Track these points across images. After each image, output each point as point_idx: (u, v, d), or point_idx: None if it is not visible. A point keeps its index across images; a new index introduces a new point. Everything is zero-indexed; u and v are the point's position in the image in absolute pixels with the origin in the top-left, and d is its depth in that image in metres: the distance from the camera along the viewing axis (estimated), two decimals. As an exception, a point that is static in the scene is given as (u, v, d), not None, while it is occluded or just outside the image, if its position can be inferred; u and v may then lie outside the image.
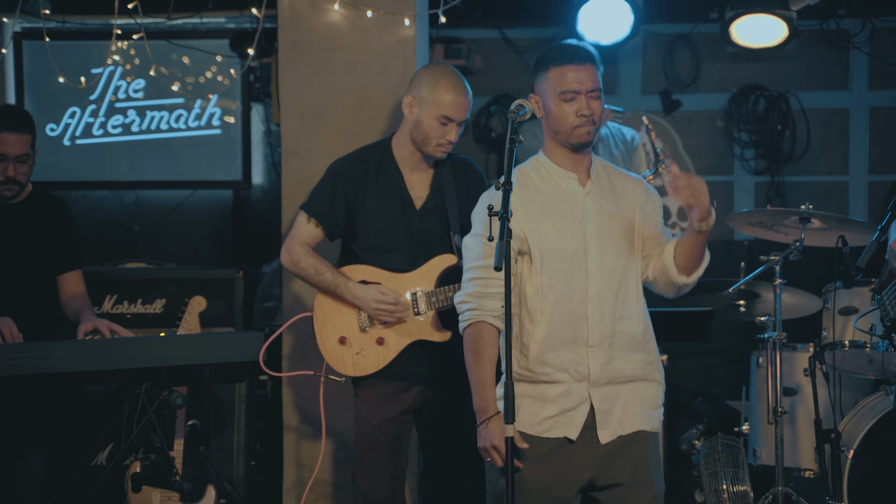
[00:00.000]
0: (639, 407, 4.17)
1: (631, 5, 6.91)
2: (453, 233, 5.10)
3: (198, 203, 8.13)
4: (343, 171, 5.19)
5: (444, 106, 4.96)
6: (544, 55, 4.25)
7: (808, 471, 6.02)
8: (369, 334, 5.07)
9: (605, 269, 4.14)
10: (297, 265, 5.14)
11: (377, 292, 4.99)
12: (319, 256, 5.13)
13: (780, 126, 7.94)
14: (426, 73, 5.08)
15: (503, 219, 3.79)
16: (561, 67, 4.16)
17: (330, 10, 6.27)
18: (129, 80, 7.69)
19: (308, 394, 6.23)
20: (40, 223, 5.44)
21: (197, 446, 5.60)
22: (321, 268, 5.09)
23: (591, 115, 4.13)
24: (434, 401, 5.15)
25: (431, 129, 5.01)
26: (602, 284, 4.13)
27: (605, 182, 4.26)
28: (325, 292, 5.13)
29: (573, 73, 4.14)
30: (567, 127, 4.15)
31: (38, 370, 4.72)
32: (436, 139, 5.02)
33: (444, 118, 4.97)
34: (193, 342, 5.07)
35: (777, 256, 5.66)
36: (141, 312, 6.33)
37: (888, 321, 5.10)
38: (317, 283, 5.12)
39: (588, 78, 4.14)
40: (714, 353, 7.48)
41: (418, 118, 5.02)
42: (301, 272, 5.15)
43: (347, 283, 5.05)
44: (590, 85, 4.14)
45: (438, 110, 4.97)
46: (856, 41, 7.82)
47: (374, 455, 5.13)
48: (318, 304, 5.16)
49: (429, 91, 4.99)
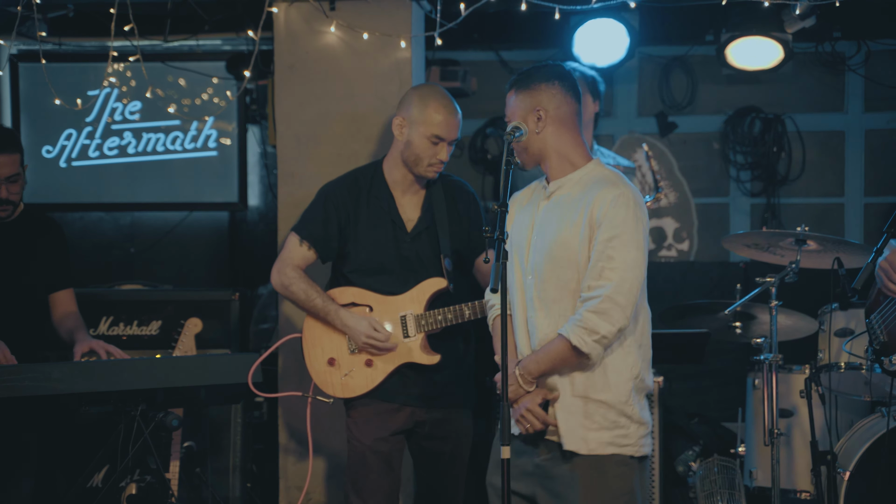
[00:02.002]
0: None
1: (627, 28, 6.93)
2: (444, 256, 5.10)
3: (194, 225, 8.13)
4: (334, 194, 5.19)
5: (435, 125, 4.96)
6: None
7: (805, 492, 6.00)
8: (358, 356, 5.06)
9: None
10: (288, 289, 5.13)
11: (369, 327, 4.99)
12: (310, 281, 5.12)
13: (775, 148, 7.95)
14: (415, 93, 5.08)
15: (499, 241, 3.79)
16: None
17: (326, 33, 6.29)
18: (125, 102, 7.69)
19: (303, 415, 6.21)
20: (32, 242, 5.44)
21: (193, 468, 5.59)
22: (311, 293, 5.08)
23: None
24: (426, 421, 5.15)
25: (422, 149, 5.01)
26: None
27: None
28: (314, 318, 5.12)
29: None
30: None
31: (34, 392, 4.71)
32: (427, 159, 5.02)
33: (435, 137, 4.97)
34: (189, 364, 5.06)
35: (773, 278, 5.67)
36: (137, 334, 6.33)
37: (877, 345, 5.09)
38: (307, 308, 5.12)
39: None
40: (710, 374, 7.47)
41: (409, 138, 5.02)
42: (291, 296, 5.14)
43: (338, 311, 5.04)
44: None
45: (429, 130, 4.97)
46: (851, 63, 7.83)
47: (367, 475, 5.12)
48: (308, 326, 5.16)
49: (418, 111, 4.99)
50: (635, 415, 4.18)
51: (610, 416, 4.15)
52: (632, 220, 4.10)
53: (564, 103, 4.26)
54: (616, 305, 4.04)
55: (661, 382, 5.98)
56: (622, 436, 4.17)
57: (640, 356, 4.22)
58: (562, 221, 4.17)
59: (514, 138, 4.09)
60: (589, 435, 4.14)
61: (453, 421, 5.19)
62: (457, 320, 5.02)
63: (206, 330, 5.62)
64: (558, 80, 4.28)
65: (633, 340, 4.20)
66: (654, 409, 5.93)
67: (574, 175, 4.24)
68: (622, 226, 4.09)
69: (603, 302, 4.04)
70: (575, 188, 4.22)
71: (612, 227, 4.08)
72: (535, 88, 4.25)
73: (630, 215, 4.10)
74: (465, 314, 5.00)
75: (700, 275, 7.99)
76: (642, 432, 4.22)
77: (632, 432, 4.18)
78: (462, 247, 5.18)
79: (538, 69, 4.32)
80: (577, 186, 4.22)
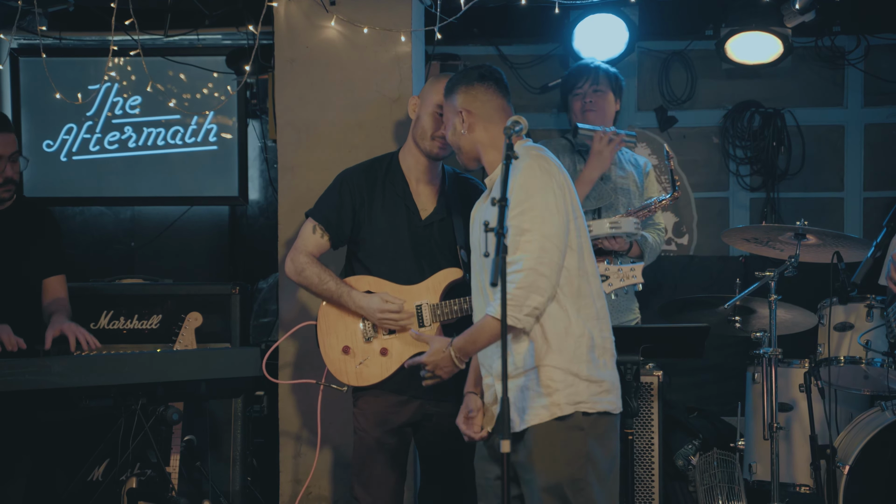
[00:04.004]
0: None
1: (626, 22, 6.94)
2: (460, 247, 5.13)
3: (194, 219, 8.12)
4: (350, 178, 5.25)
5: (439, 94, 5.01)
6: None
7: (804, 486, 6.01)
8: (373, 345, 5.08)
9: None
10: (301, 274, 5.16)
11: (380, 301, 5.01)
12: (323, 266, 5.15)
13: (775, 142, 7.94)
14: (431, 77, 5.35)
15: (499, 235, 3.80)
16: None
17: (326, 27, 6.29)
18: (125, 97, 7.69)
19: (305, 409, 6.23)
20: (25, 231, 5.47)
21: (193, 462, 5.60)
22: (325, 277, 5.11)
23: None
24: (434, 415, 5.16)
25: (427, 123, 5.11)
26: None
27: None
28: (328, 301, 5.14)
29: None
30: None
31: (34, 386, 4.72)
32: (430, 131, 5.10)
33: (438, 107, 5.05)
34: (190, 358, 5.08)
35: (772, 272, 5.68)
36: (137, 328, 6.33)
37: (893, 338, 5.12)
38: (320, 292, 5.14)
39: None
40: (709, 369, 7.47)
41: (419, 114, 5.16)
42: (304, 281, 5.16)
43: (351, 293, 5.07)
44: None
45: (434, 99, 5.08)
46: (851, 58, 7.84)
47: (373, 468, 5.14)
48: (322, 314, 5.17)
49: (428, 87, 5.18)
50: (582, 373, 4.19)
51: (545, 381, 4.17)
52: (538, 188, 4.18)
53: (488, 100, 4.47)
54: (541, 276, 4.09)
55: (660, 377, 5.98)
56: (567, 396, 4.17)
57: (583, 317, 4.23)
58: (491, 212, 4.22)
59: (514, 132, 4.10)
60: (527, 409, 4.18)
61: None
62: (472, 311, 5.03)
63: (206, 324, 5.63)
64: (477, 80, 4.49)
65: (572, 303, 4.21)
66: (654, 403, 5.93)
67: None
68: (529, 198, 4.16)
69: (527, 275, 4.09)
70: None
71: (520, 202, 4.15)
72: (456, 93, 4.51)
73: (535, 184, 4.18)
74: None
75: (699, 269, 7.98)
76: (594, 390, 4.21)
77: (581, 390, 4.18)
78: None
79: (457, 75, 4.58)
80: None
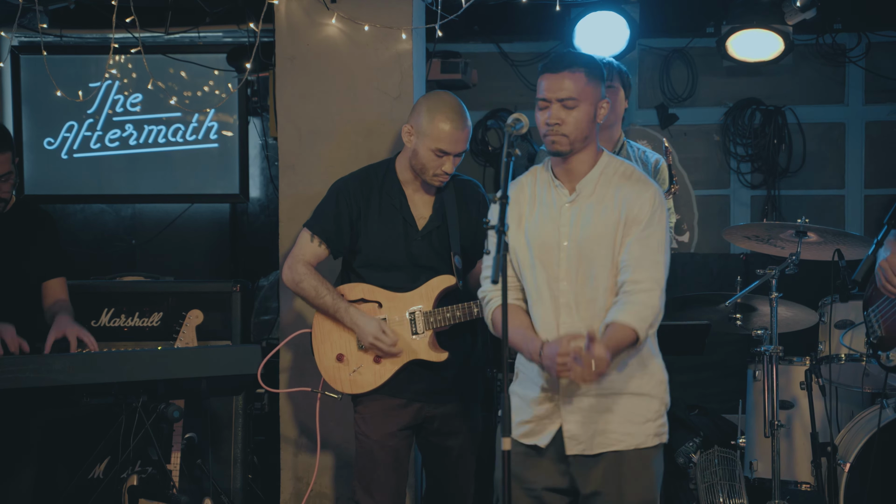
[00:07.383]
0: (618, 423, 4.16)
1: (627, 20, 6.94)
2: (454, 254, 5.10)
3: (195, 217, 8.13)
4: (346, 189, 5.19)
5: (439, 139, 4.95)
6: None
7: (805, 484, 6.01)
8: (367, 353, 5.07)
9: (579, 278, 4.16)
10: (299, 285, 5.13)
11: (378, 329, 4.99)
12: (321, 277, 5.12)
13: (776, 140, 7.95)
14: (425, 103, 5.05)
15: (500, 233, 3.79)
16: (541, 76, 4.16)
17: (327, 25, 6.29)
18: (126, 94, 7.69)
19: (305, 407, 6.23)
20: (24, 234, 5.46)
21: (194, 459, 5.60)
22: (321, 290, 5.08)
23: (555, 125, 4.09)
24: (434, 417, 5.16)
25: (427, 160, 5.00)
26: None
27: (592, 191, 4.21)
28: (323, 314, 5.13)
29: (545, 82, 4.13)
30: (541, 136, 4.17)
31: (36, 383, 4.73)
32: (432, 170, 5.02)
33: (440, 151, 4.96)
34: (190, 355, 5.08)
35: (773, 270, 5.67)
36: (138, 326, 6.33)
37: (874, 339, 5.10)
38: (316, 305, 5.12)
39: (559, 86, 4.09)
40: (710, 366, 7.48)
41: (415, 147, 5.02)
42: (301, 292, 5.14)
43: (348, 309, 5.05)
44: (561, 94, 4.09)
45: (434, 143, 4.96)
46: (851, 55, 7.84)
47: (375, 471, 5.13)
48: (317, 321, 5.16)
49: (426, 122, 4.97)
50: (667, 404, 4.26)
51: (653, 407, 4.19)
52: (664, 221, 4.14)
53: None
54: (663, 296, 4.09)
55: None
56: (662, 425, 4.23)
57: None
58: (595, 220, 4.16)
59: (514, 130, 4.08)
60: (633, 429, 4.16)
61: (462, 416, 5.19)
62: (465, 318, 5.02)
63: (207, 322, 5.64)
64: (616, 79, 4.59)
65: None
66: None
67: (592, 173, 4.22)
68: (658, 225, 4.12)
69: (662, 296, 4.08)
70: (598, 186, 4.20)
71: (650, 226, 4.10)
72: (605, 83, 4.26)
73: (663, 217, 4.15)
74: (473, 311, 5.00)
75: (700, 266, 7.99)
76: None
77: (665, 421, 4.26)
78: (470, 246, 5.16)
79: (602, 65, 4.29)
80: (599, 183, 4.20)
